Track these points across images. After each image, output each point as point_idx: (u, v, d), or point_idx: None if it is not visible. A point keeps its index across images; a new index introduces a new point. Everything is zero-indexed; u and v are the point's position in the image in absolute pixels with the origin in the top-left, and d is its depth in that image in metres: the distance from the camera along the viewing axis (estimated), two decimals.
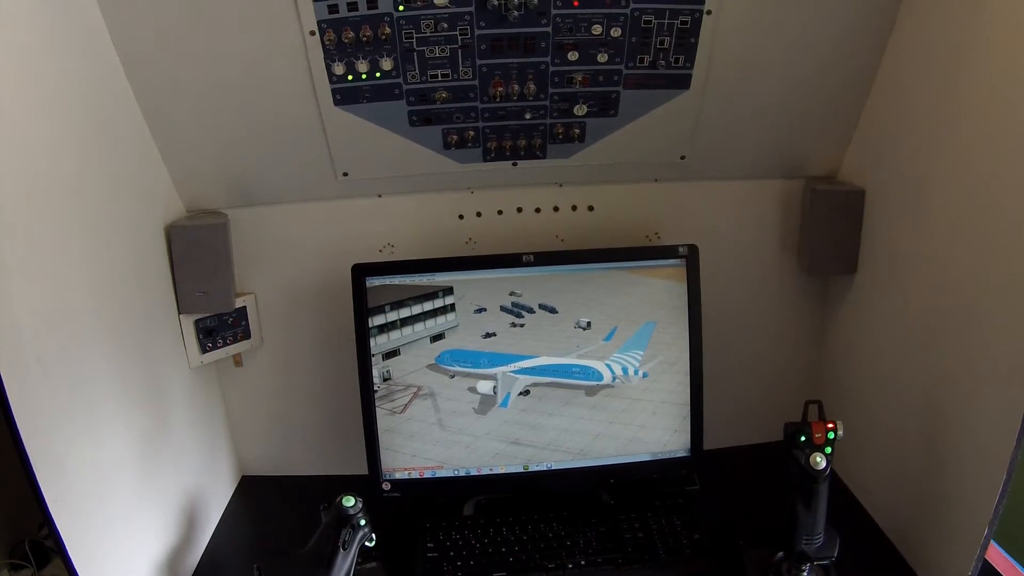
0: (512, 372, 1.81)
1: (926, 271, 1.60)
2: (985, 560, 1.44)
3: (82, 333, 1.39)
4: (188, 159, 1.73)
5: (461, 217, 1.95)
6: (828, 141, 1.89)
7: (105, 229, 1.49)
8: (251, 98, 1.64)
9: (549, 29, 1.62)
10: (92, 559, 1.32)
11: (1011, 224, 1.34)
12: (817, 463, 1.47)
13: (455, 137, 1.77)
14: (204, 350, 1.85)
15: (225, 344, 1.89)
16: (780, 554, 1.57)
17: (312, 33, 1.55)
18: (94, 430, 1.39)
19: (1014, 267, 1.33)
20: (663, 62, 1.68)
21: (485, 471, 1.82)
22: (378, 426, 1.79)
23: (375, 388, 1.78)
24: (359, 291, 1.76)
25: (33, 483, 1.19)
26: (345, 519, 1.45)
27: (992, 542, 1.42)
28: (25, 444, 1.17)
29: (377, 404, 1.79)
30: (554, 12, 1.60)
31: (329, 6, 1.53)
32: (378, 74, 1.64)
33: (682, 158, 1.88)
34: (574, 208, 1.97)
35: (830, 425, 1.49)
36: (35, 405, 1.21)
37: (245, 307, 1.91)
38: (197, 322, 1.82)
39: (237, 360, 1.98)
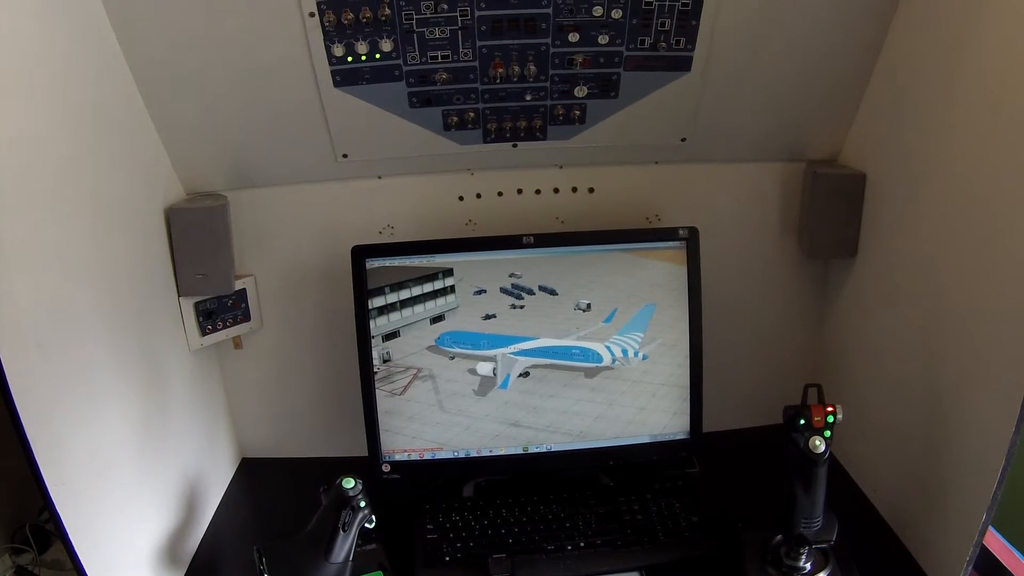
0: (512, 354, 1.81)
1: (926, 255, 1.60)
2: (983, 546, 1.44)
3: (82, 317, 1.38)
4: (187, 142, 1.72)
5: (461, 199, 1.94)
6: (829, 124, 1.88)
7: (104, 212, 1.48)
8: (250, 80, 1.63)
9: (549, 10, 1.61)
10: (93, 542, 1.33)
11: (1012, 208, 1.33)
12: (816, 446, 1.46)
13: (455, 118, 1.76)
14: (204, 332, 1.85)
15: (225, 326, 1.89)
16: (779, 537, 1.58)
17: (312, 14, 1.54)
18: (94, 414, 1.39)
19: (1015, 251, 1.33)
20: (664, 44, 1.66)
21: (485, 453, 1.83)
22: (378, 408, 1.79)
23: (375, 370, 1.78)
24: (359, 273, 1.76)
25: (33, 467, 1.19)
26: (345, 501, 1.47)
27: (990, 527, 1.42)
28: (25, 428, 1.17)
29: (377, 386, 1.79)
30: None
31: None
32: (378, 55, 1.63)
33: (683, 140, 1.87)
34: (574, 190, 1.96)
35: (829, 408, 1.48)
36: (35, 389, 1.21)
37: (245, 289, 1.90)
38: (197, 304, 1.82)
39: (237, 342, 1.98)
